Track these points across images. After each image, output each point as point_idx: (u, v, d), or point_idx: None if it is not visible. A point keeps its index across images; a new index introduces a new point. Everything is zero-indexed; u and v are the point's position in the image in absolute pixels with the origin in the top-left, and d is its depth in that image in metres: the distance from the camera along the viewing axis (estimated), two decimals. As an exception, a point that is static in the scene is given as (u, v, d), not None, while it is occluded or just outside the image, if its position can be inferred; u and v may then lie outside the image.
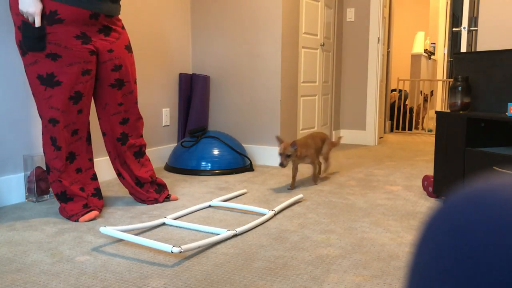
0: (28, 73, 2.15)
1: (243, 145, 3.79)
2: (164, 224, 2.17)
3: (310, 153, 2.94)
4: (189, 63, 3.94)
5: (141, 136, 2.50)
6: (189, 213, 2.35)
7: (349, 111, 5.07)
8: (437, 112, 2.62)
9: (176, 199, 2.62)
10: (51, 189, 2.58)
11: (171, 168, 3.43)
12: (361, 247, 1.89)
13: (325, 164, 3.24)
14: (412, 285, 0.37)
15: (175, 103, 3.79)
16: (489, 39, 3.00)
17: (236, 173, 3.36)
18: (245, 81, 3.79)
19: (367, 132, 4.99)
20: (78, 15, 2.11)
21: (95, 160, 3.00)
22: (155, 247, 1.75)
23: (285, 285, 1.54)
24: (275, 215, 2.33)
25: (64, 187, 2.24)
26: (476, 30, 3.16)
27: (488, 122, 2.49)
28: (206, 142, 3.42)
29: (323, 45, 4.36)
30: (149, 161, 2.54)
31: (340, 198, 2.69)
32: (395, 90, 6.68)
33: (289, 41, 3.76)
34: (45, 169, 2.57)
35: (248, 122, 3.81)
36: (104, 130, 2.42)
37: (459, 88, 2.52)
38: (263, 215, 2.32)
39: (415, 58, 7.68)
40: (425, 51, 8.11)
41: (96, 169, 2.98)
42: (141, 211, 2.40)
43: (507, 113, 2.31)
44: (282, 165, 2.73)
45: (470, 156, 2.42)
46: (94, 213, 2.24)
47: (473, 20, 3.52)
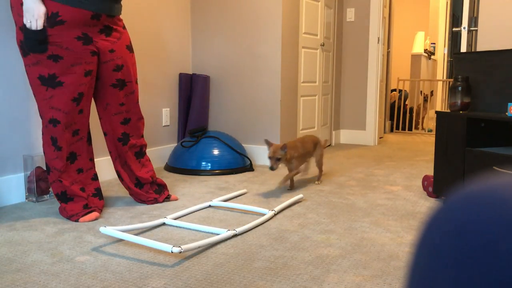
0: (29, 73, 2.14)
1: (243, 145, 3.79)
2: (164, 224, 2.17)
3: (294, 157, 2.81)
4: (189, 63, 3.94)
5: (142, 136, 2.50)
6: (189, 213, 2.35)
7: (349, 111, 5.07)
8: (437, 112, 2.62)
9: (176, 199, 2.62)
10: (51, 189, 2.58)
11: (171, 168, 3.43)
12: (361, 247, 1.89)
13: (319, 173, 3.11)
14: (412, 285, 0.37)
15: (175, 103, 3.79)
16: (489, 39, 3.00)
17: (236, 173, 3.36)
18: (245, 81, 3.79)
19: (367, 132, 4.99)
20: (79, 16, 2.10)
21: (95, 160, 3.00)
22: (155, 247, 1.76)
23: (285, 285, 1.54)
24: (275, 215, 2.33)
25: (64, 187, 2.24)
26: (476, 30, 3.16)
27: (488, 122, 2.49)
28: (206, 142, 3.42)
29: (323, 45, 4.36)
30: (150, 161, 2.54)
31: (340, 198, 2.69)
32: (395, 90, 6.68)
33: (289, 41, 3.76)
34: (45, 169, 2.57)
35: (248, 122, 3.81)
36: (105, 130, 2.42)
37: (459, 88, 2.52)
38: (263, 215, 2.32)
39: (415, 58, 7.68)
40: (425, 51, 8.11)
41: (96, 169, 2.98)
42: (141, 211, 2.40)
43: (507, 113, 2.31)
44: (272, 169, 2.65)
45: (470, 156, 2.42)
46: (94, 214, 2.24)
47: (473, 20, 3.52)
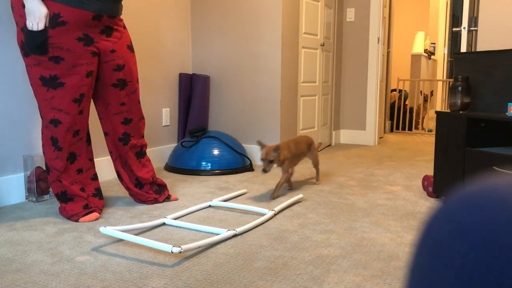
0: (30, 73, 2.14)
1: (243, 145, 3.79)
2: (164, 224, 2.17)
3: (289, 157, 2.71)
4: (189, 63, 3.94)
5: (143, 137, 2.49)
6: (189, 213, 2.35)
7: (349, 111, 5.07)
8: (437, 112, 2.62)
9: (176, 199, 2.62)
10: (51, 189, 2.58)
11: (171, 168, 3.43)
12: (361, 247, 1.89)
13: (316, 173, 3.07)
14: (412, 285, 0.37)
15: (175, 103, 3.79)
16: (489, 39, 3.00)
17: (236, 173, 3.36)
18: (245, 81, 3.79)
19: (367, 132, 4.99)
20: (81, 17, 2.09)
21: (95, 160, 3.00)
22: (155, 247, 1.76)
23: (285, 285, 1.54)
24: (275, 215, 2.33)
25: (64, 187, 2.24)
26: (476, 30, 3.16)
27: (488, 122, 2.49)
28: (206, 142, 3.42)
29: (323, 45, 4.36)
30: (150, 161, 2.54)
31: (340, 198, 2.69)
32: (395, 90, 6.68)
33: (289, 41, 3.76)
34: (45, 169, 2.57)
35: (248, 122, 3.81)
36: (105, 130, 2.42)
37: (459, 88, 2.52)
38: (263, 215, 2.32)
39: (415, 58, 7.68)
40: (425, 51, 8.11)
41: (96, 169, 2.97)
42: (141, 211, 2.40)
43: (507, 113, 2.31)
44: (264, 171, 2.55)
45: (470, 156, 2.42)
46: (94, 215, 2.24)
47: (473, 20, 3.52)
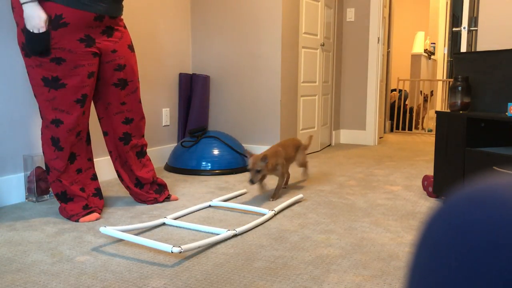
0: (31, 74, 2.14)
1: (243, 145, 3.79)
2: (164, 224, 2.17)
3: (280, 162, 2.61)
4: (189, 63, 3.94)
5: (143, 136, 2.49)
6: (189, 213, 2.35)
7: (349, 111, 5.07)
8: (437, 112, 2.62)
9: (176, 199, 2.62)
10: (51, 189, 2.58)
11: (171, 168, 3.43)
12: (361, 247, 1.89)
13: (304, 172, 3.00)
14: (412, 285, 0.37)
15: (175, 103, 3.79)
16: (489, 39, 3.00)
17: (236, 173, 3.36)
18: (245, 81, 3.79)
19: (367, 132, 4.99)
20: (83, 18, 2.09)
21: (95, 160, 3.00)
22: (155, 247, 1.76)
23: (285, 285, 1.54)
24: (275, 215, 2.33)
25: (64, 187, 2.24)
26: (476, 30, 3.16)
27: (488, 122, 2.49)
28: (206, 142, 3.42)
29: (323, 45, 4.36)
30: (150, 161, 2.54)
31: (340, 198, 2.69)
32: (395, 90, 6.68)
33: (289, 41, 3.76)
34: (45, 169, 2.57)
35: (248, 122, 3.81)
36: (105, 130, 2.41)
37: (459, 88, 2.52)
38: (263, 215, 2.32)
39: (415, 58, 7.68)
40: (425, 51, 8.11)
41: (96, 169, 2.98)
42: (141, 211, 2.40)
43: (507, 113, 2.31)
44: (252, 182, 2.42)
45: (470, 156, 2.42)
46: (94, 215, 2.24)
47: (473, 20, 3.52)
